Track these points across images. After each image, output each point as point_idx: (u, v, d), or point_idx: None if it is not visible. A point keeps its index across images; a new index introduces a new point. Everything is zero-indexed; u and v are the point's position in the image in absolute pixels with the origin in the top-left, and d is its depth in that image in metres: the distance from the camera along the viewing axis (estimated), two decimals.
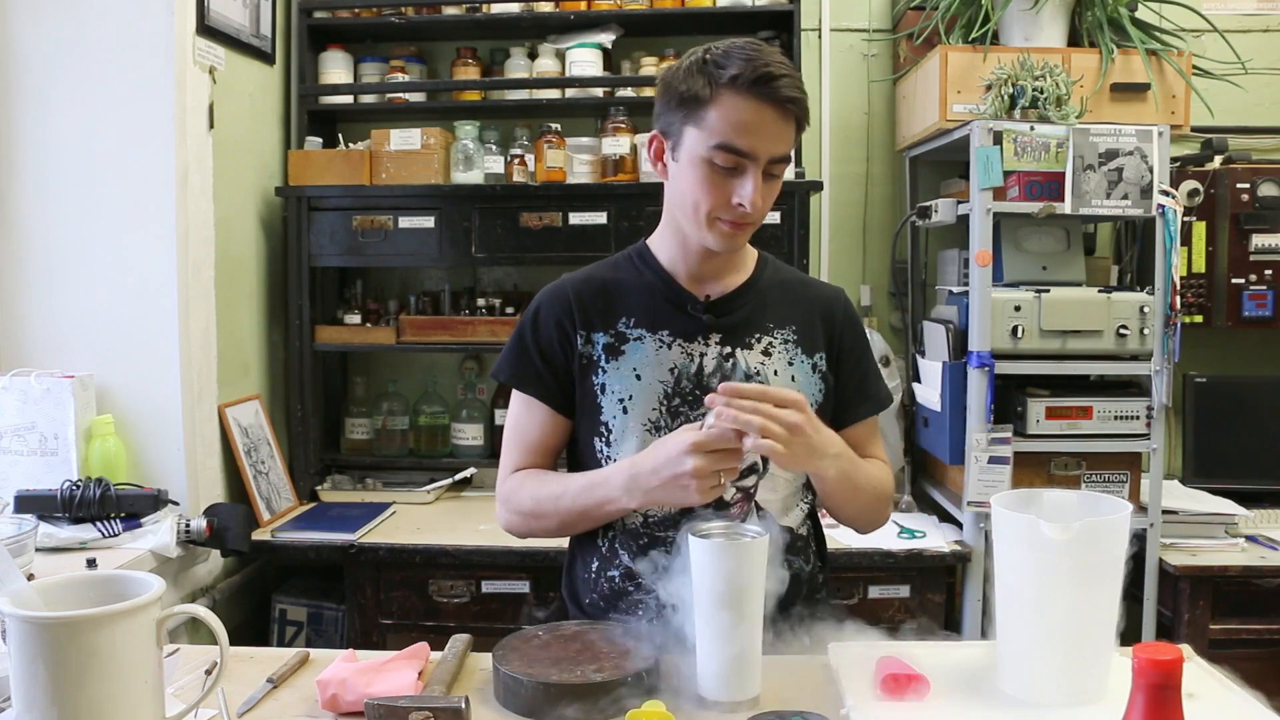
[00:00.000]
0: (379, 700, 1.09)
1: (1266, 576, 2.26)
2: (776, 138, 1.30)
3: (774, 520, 1.40)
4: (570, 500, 1.38)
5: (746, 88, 1.28)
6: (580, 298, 1.44)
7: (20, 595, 0.98)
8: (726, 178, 1.32)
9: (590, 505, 1.36)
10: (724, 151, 1.30)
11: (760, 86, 1.28)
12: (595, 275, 1.48)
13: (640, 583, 1.39)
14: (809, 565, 1.46)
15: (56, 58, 2.25)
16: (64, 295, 2.28)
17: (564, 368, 1.44)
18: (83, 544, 2.00)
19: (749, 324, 1.43)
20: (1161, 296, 2.29)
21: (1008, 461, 2.27)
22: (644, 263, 1.47)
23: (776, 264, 1.52)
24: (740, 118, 1.29)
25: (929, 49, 2.53)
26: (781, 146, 1.31)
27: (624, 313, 1.42)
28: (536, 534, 1.46)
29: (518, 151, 2.69)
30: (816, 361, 1.44)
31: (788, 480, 1.42)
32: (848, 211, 2.92)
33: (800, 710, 1.09)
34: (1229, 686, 1.16)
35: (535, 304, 1.48)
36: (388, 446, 2.85)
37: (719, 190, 1.32)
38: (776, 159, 1.32)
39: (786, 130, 1.31)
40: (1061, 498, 1.18)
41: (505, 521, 1.48)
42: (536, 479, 1.43)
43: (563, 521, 1.41)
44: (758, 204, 1.31)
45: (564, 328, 1.44)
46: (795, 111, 1.30)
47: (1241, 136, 2.76)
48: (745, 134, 1.29)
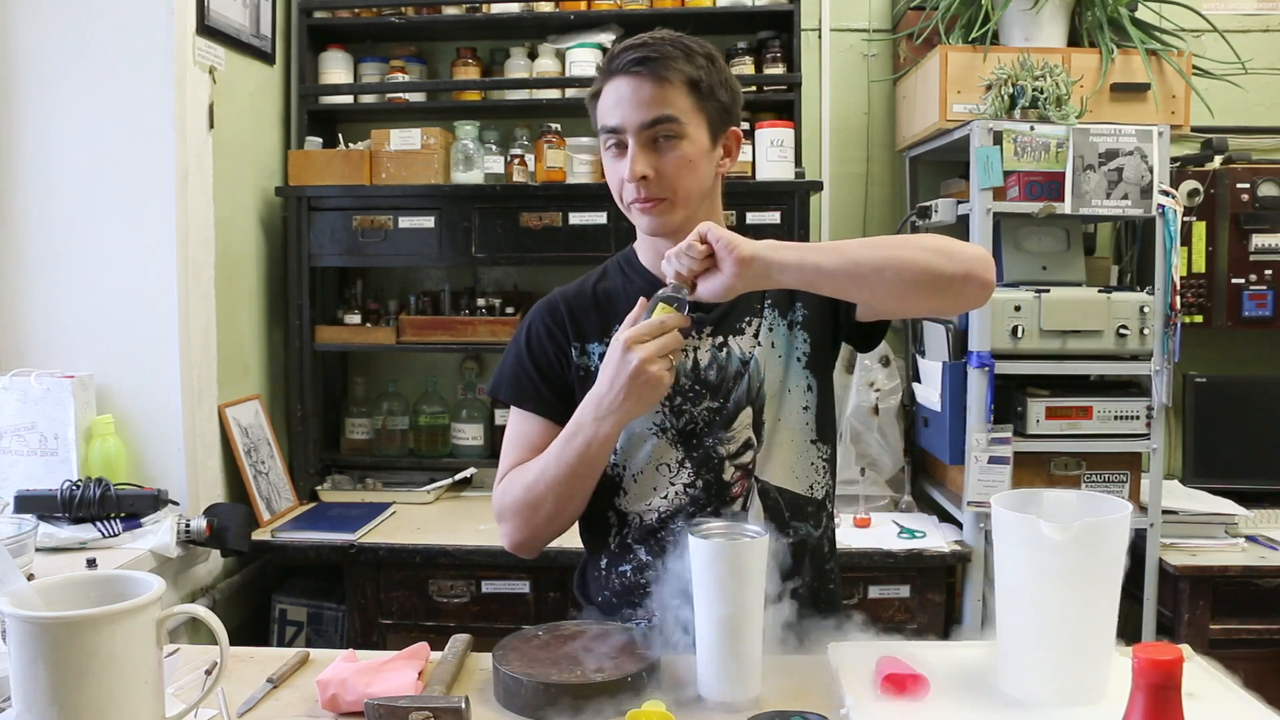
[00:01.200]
0: (379, 700, 1.09)
1: (1266, 576, 2.26)
2: (641, 103, 1.32)
3: (775, 492, 1.40)
4: (554, 466, 1.34)
5: (608, 68, 1.36)
6: (572, 311, 1.45)
7: (20, 595, 0.98)
8: (617, 159, 1.36)
9: (573, 458, 1.32)
10: (605, 134, 1.36)
11: (616, 62, 1.34)
12: (585, 286, 1.48)
13: (650, 575, 1.40)
14: (818, 531, 1.45)
15: (57, 58, 2.25)
16: (64, 295, 2.28)
17: (561, 381, 1.44)
18: (83, 544, 2.00)
19: (736, 309, 1.43)
20: (1161, 296, 2.29)
21: (1008, 461, 2.27)
22: (630, 268, 1.48)
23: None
24: (607, 100, 1.35)
25: (929, 49, 2.53)
26: (650, 110, 1.32)
27: (616, 321, 1.42)
28: (541, 533, 1.40)
29: (518, 151, 2.69)
30: (793, 317, 1.43)
31: (787, 444, 1.42)
32: (848, 211, 2.92)
33: (800, 710, 1.09)
34: (1229, 686, 1.16)
35: (528, 320, 1.48)
36: (388, 446, 2.85)
37: (615, 173, 1.37)
38: (650, 123, 1.32)
39: (653, 92, 1.32)
40: (1061, 498, 1.18)
41: (507, 536, 1.42)
42: (518, 474, 1.40)
43: (557, 495, 1.35)
44: (637, 171, 1.33)
45: (558, 341, 1.44)
46: (655, 71, 1.32)
47: (1241, 136, 2.76)
48: (611, 109, 1.35)
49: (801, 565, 1.42)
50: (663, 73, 1.32)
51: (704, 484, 1.40)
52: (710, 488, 1.40)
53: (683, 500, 1.40)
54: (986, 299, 1.29)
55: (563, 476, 1.34)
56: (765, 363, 1.42)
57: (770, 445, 1.42)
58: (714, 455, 1.40)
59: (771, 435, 1.42)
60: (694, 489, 1.40)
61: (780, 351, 1.43)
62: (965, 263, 1.24)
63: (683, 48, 1.35)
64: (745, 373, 1.41)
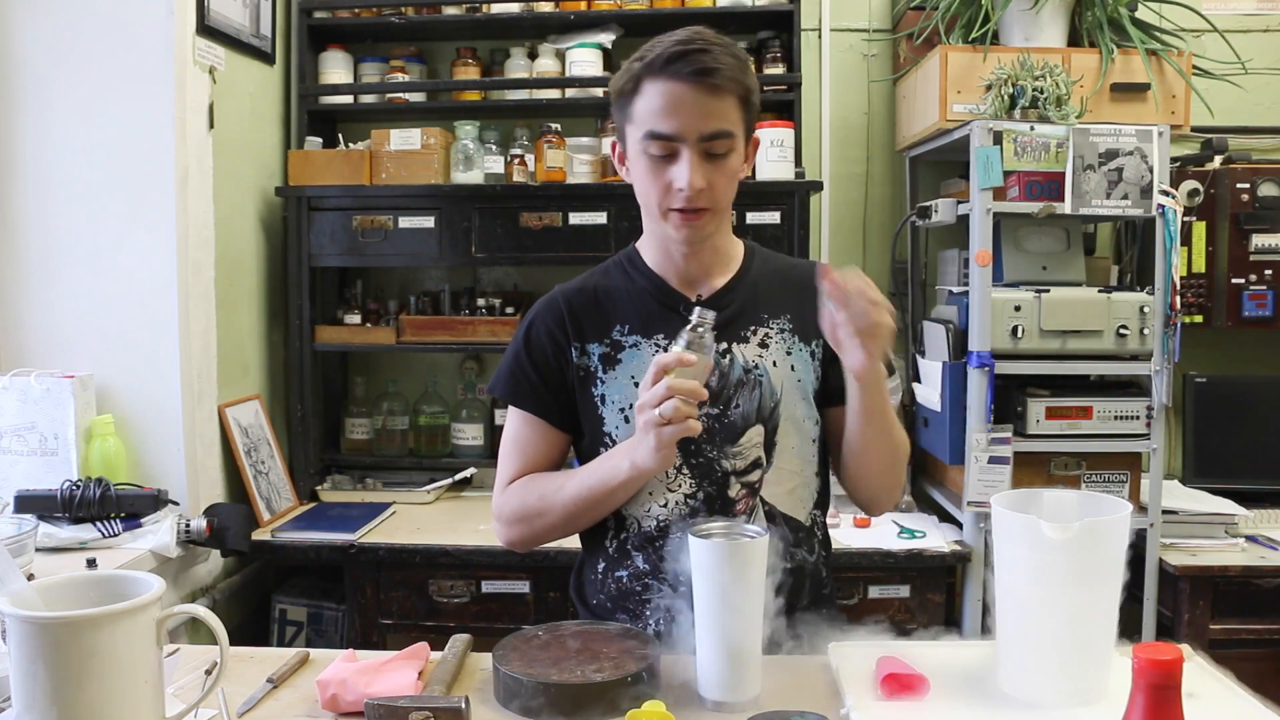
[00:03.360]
0: (379, 700, 1.09)
1: (1266, 576, 2.26)
2: (702, 114, 1.28)
3: (780, 517, 1.40)
4: (577, 482, 1.35)
5: (660, 70, 1.28)
6: (573, 309, 1.44)
7: (20, 595, 0.98)
8: (664, 165, 1.31)
9: (597, 483, 1.33)
10: (653, 139, 1.30)
11: (672, 65, 1.27)
12: (587, 285, 1.47)
13: (648, 583, 1.40)
14: (813, 557, 1.45)
15: (56, 58, 2.25)
16: (64, 295, 2.28)
17: (560, 381, 1.43)
18: (83, 544, 2.00)
19: (742, 317, 1.42)
20: (1161, 296, 2.29)
21: (1008, 461, 2.27)
22: (634, 267, 1.46)
23: (765, 254, 1.51)
24: (659, 102, 1.28)
25: (929, 49, 2.53)
26: (712, 122, 1.29)
27: (618, 320, 1.42)
28: (540, 535, 1.42)
29: (518, 151, 2.69)
30: (814, 349, 1.44)
31: (794, 473, 1.42)
32: (848, 211, 2.92)
33: (800, 710, 1.08)
34: (1229, 686, 1.16)
35: (528, 319, 1.47)
36: (388, 446, 2.85)
37: (658, 179, 1.32)
38: (709, 135, 1.29)
39: (713, 105, 1.28)
40: (1061, 498, 1.18)
41: (504, 534, 1.44)
42: (535, 479, 1.42)
43: (567, 510, 1.37)
44: (696, 183, 1.29)
45: (558, 341, 1.43)
46: (717, 84, 1.28)
47: (1241, 136, 2.76)
48: (666, 116, 1.28)
49: (801, 591, 1.42)
50: (724, 85, 1.28)
51: (705, 496, 1.39)
52: (713, 501, 1.38)
53: (683, 511, 1.39)
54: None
55: (581, 496, 1.36)
56: (783, 384, 1.41)
57: (779, 469, 1.41)
58: (717, 468, 1.39)
59: (781, 458, 1.41)
60: (695, 500, 1.39)
61: (800, 377, 1.42)
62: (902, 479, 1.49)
63: (736, 57, 1.31)
64: (751, 383, 1.40)
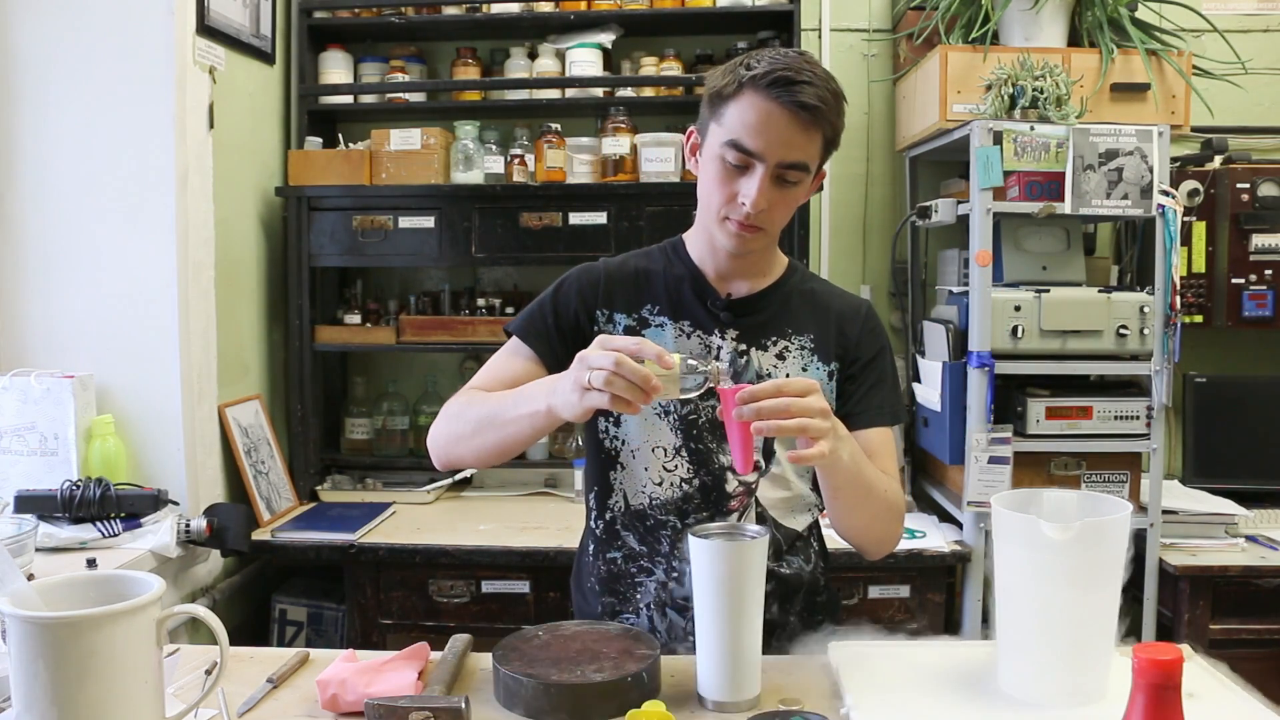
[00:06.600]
0: (379, 700, 1.09)
1: (1266, 576, 2.26)
2: (789, 142, 1.29)
3: (772, 521, 1.41)
4: (497, 397, 1.34)
5: (763, 87, 1.27)
6: (611, 279, 1.46)
7: (20, 595, 0.98)
8: (736, 176, 1.32)
9: (511, 402, 1.29)
10: (734, 149, 1.30)
11: (777, 88, 1.27)
12: (629, 262, 1.49)
13: (641, 565, 1.42)
14: (809, 565, 1.46)
15: (56, 58, 2.25)
16: (64, 295, 2.28)
17: (574, 338, 1.42)
18: (83, 544, 2.00)
19: (767, 327, 1.43)
20: (1161, 296, 2.29)
21: (1008, 461, 2.27)
22: (676, 255, 1.48)
23: (806, 273, 1.53)
24: (752, 117, 1.29)
25: (929, 49, 2.53)
26: (794, 153, 1.30)
27: (650, 299, 1.44)
28: (452, 440, 1.38)
29: (518, 151, 2.69)
30: (832, 370, 1.44)
31: (793, 480, 1.43)
32: (848, 211, 2.92)
33: (800, 710, 1.09)
34: (1229, 686, 1.16)
35: (565, 275, 1.49)
36: (388, 446, 2.85)
37: (727, 187, 1.33)
38: (788, 164, 1.30)
39: (802, 137, 1.29)
40: (1061, 498, 1.18)
41: (430, 434, 1.43)
42: (479, 397, 1.39)
43: (479, 419, 1.33)
44: (760, 204, 1.30)
45: (586, 300, 1.44)
46: (811, 119, 1.28)
47: (1241, 136, 2.76)
48: (755, 133, 1.29)
49: (794, 598, 1.43)
50: (816, 122, 1.29)
51: (701, 484, 1.40)
52: (708, 491, 1.40)
53: (677, 494, 1.40)
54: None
55: (489, 408, 1.33)
56: None
57: (775, 476, 1.42)
58: (715, 460, 1.40)
59: (778, 466, 1.42)
60: (690, 485, 1.40)
61: None
62: (897, 530, 1.43)
63: (836, 95, 1.31)
64: None
